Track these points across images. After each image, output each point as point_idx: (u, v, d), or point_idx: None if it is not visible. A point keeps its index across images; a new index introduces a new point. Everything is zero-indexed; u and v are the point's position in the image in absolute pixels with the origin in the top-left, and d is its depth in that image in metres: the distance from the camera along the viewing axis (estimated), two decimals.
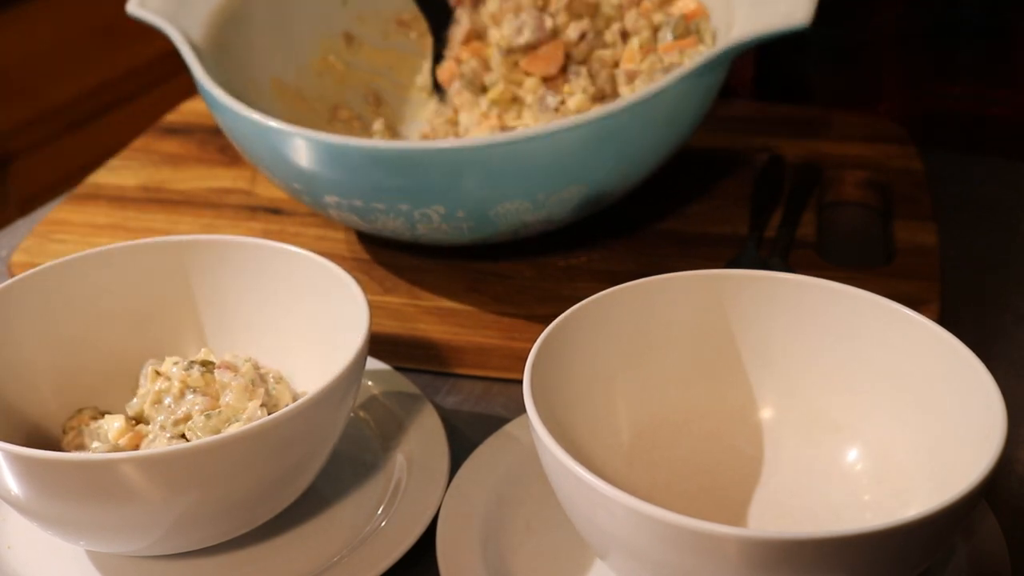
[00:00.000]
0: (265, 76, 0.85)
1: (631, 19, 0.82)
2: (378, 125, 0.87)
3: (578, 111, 0.79)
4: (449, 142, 0.68)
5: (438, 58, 0.87)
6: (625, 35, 0.83)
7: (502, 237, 0.74)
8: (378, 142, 0.69)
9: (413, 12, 0.92)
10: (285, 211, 0.87)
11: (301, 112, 0.86)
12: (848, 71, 0.97)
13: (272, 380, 0.62)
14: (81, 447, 0.61)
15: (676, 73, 0.69)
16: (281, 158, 0.72)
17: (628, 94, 0.77)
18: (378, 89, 0.90)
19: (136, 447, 0.60)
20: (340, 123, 0.88)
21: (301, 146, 0.70)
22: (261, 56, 0.86)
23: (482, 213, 0.71)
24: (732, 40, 0.69)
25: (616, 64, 0.81)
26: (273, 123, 0.71)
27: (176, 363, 0.61)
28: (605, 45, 0.82)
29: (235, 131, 0.75)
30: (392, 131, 0.88)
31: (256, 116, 0.72)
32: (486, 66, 0.84)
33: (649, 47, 0.81)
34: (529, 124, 0.81)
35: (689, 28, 0.81)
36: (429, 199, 0.70)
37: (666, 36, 0.80)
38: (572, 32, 0.82)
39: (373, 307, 0.63)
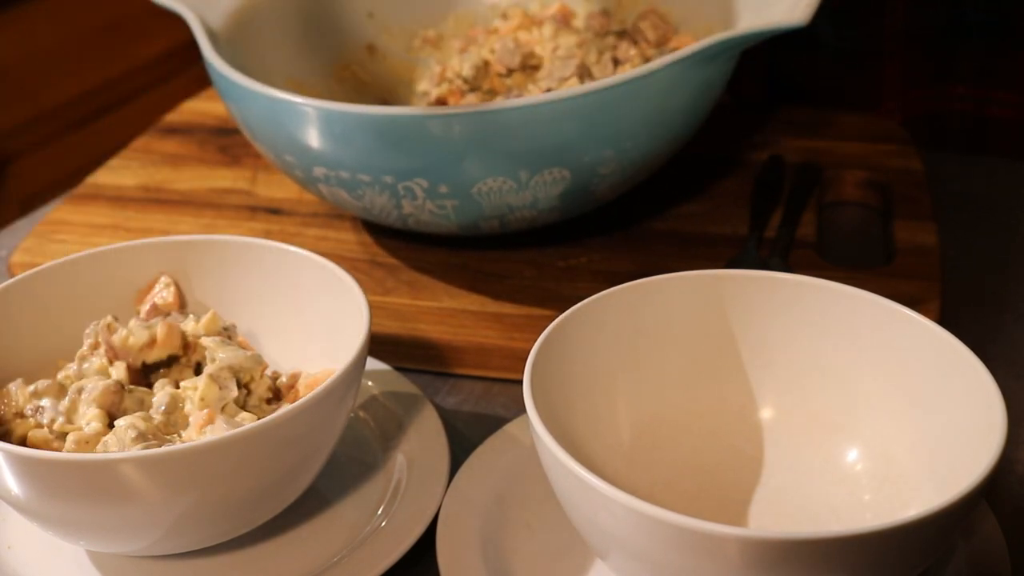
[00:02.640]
0: (282, 75, 0.86)
1: (623, 50, 0.83)
2: None
3: None
4: (429, 109, 0.68)
5: None
6: (617, 62, 0.83)
7: (489, 225, 0.74)
8: (360, 107, 0.69)
9: (438, 29, 0.93)
10: (285, 211, 0.87)
11: None
12: (851, 72, 0.97)
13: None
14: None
15: (666, 58, 0.69)
16: (272, 125, 0.72)
17: None
18: (396, 99, 0.90)
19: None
20: None
21: (289, 111, 0.70)
22: (281, 56, 0.87)
23: (465, 190, 0.71)
24: (730, 33, 0.69)
25: None
26: (263, 88, 0.71)
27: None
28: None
29: (231, 99, 0.76)
30: None
31: (248, 82, 0.72)
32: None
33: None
34: None
35: None
36: (411, 171, 0.70)
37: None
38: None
39: (373, 307, 0.63)
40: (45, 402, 0.59)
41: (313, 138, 0.71)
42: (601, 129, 0.70)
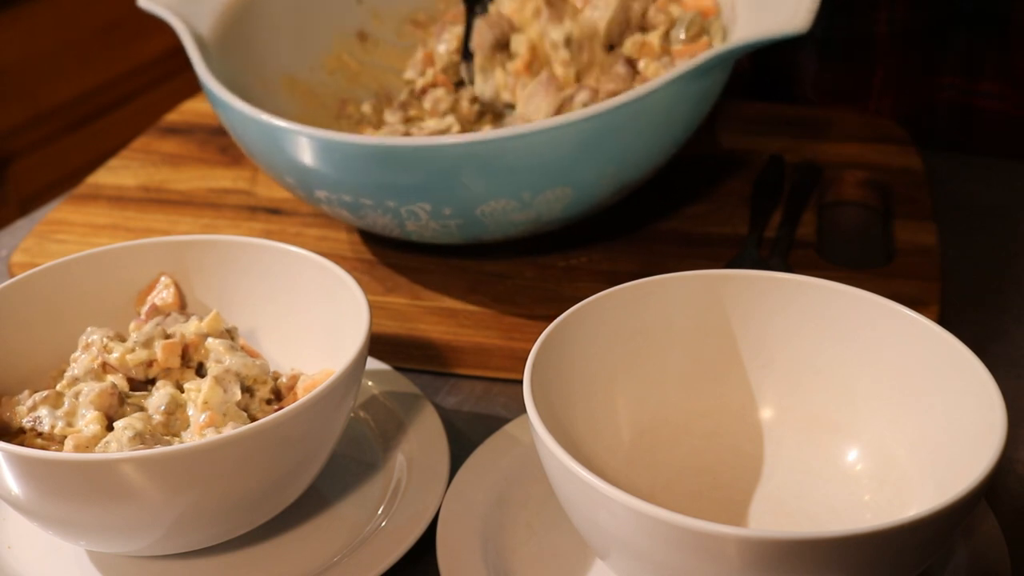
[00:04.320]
0: (275, 73, 0.86)
1: (652, 13, 0.82)
2: (392, 117, 0.86)
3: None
4: (429, 140, 0.68)
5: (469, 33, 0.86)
6: (644, 29, 0.82)
7: (493, 237, 0.74)
8: (360, 137, 0.69)
9: (428, 12, 0.93)
10: (285, 211, 0.87)
11: (311, 108, 0.86)
12: (843, 66, 0.97)
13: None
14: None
15: (665, 76, 0.69)
16: (271, 151, 0.72)
17: None
18: (389, 87, 0.90)
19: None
20: (346, 119, 0.88)
21: (288, 139, 0.70)
22: (272, 53, 0.86)
23: (469, 212, 0.71)
24: (728, 44, 0.69)
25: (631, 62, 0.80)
26: (262, 116, 0.71)
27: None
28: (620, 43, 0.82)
29: (229, 122, 0.75)
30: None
31: (246, 108, 0.72)
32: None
33: (663, 47, 0.80)
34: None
35: (704, 27, 0.80)
36: (414, 196, 0.70)
37: (679, 34, 0.80)
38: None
39: (374, 307, 0.63)
40: (43, 411, 0.59)
41: (314, 165, 0.70)
42: (604, 149, 0.69)
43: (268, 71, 0.85)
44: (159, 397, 0.59)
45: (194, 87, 1.05)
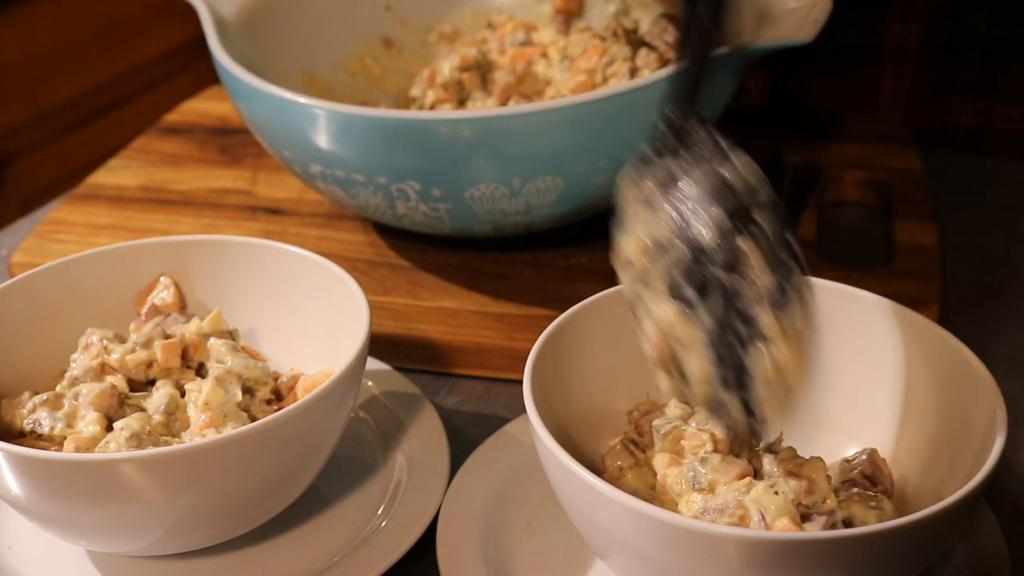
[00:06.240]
0: (294, 66, 0.86)
1: (641, 57, 0.82)
2: None
3: None
4: (417, 113, 0.68)
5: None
6: (635, 72, 0.83)
7: (484, 229, 0.74)
8: (350, 107, 0.69)
9: (455, 25, 0.93)
10: (285, 211, 0.87)
11: None
12: (852, 82, 0.97)
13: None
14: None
15: (662, 71, 0.69)
16: (269, 120, 0.73)
17: None
18: (408, 95, 0.90)
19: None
20: None
21: (287, 108, 0.71)
22: (293, 46, 0.87)
23: (457, 194, 0.71)
24: (725, 49, 0.69)
25: None
26: (261, 84, 0.72)
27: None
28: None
29: (231, 90, 0.76)
30: None
31: (247, 76, 0.73)
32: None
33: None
34: None
35: None
36: (404, 172, 0.70)
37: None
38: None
39: (373, 307, 0.62)
40: (43, 413, 0.59)
41: (307, 136, 0.71)
42: (596, 140, 0.69)
43: (286, 63, 0.85)
44: (159, 397, 0.59)
45: (194, 87, 1.06)
